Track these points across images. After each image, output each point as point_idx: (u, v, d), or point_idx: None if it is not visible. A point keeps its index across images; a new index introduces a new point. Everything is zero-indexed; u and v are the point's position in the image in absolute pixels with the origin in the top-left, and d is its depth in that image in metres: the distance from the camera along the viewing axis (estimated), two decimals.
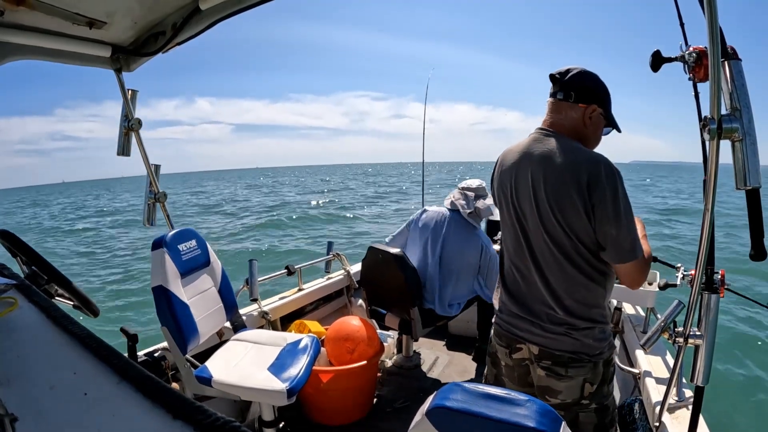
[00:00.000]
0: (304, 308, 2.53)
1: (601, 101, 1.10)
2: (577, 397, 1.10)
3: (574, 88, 1.09)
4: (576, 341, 1.08)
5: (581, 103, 1.09)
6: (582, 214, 1.00)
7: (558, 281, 1.08)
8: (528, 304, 1.15)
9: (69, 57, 1.42)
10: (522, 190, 1.11)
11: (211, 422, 0.40)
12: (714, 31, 0.76)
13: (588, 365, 1.09)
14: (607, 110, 1.12)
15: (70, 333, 0.55)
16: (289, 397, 1.44)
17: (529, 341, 1.14)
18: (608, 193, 0.98)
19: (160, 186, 1.88)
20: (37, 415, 0.44)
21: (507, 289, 1.22)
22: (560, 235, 1.05)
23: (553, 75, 1.12)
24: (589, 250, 1.04)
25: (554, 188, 1.03)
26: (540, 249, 1.10)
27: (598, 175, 0.98)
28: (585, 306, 1.08)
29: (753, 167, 0.79)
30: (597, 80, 1.11)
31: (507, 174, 1.15)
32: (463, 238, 2.23)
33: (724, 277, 0.96)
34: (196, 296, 1.68)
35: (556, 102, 1.11)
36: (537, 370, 1.14)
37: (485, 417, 0.55)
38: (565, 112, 1.10)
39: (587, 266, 1.06)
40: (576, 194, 0.99)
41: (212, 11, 1.31)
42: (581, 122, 1.10)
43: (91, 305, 1.21)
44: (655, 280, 1.91)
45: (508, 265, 1.22)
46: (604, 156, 1.03)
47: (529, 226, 1.11)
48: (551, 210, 1.04)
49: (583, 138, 1.11)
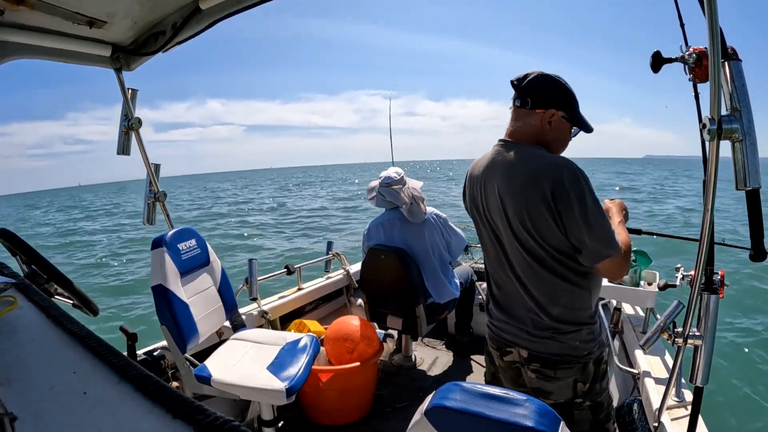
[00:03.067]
0: (304, 308, 2.53)
1: (560, 104, 1.08)
2: (570, 396, 1.10)
3: (530, 94, 1.07)
4: (562, 344, 1.08)
5: (538, 108, 1.07)
6: (551, 222, 0.99)
7: (539, 291, 1.08)
8: (513, 312, 1.15)
9: (69, 56, 1.42)
10: (491, 204, 1.11)
11: (211, 422, 0.40)
12: (714, 32, 0.76)
13: (576, 366, 1.09)
14: (571, 112, 1.09)
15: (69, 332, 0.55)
16: (289, 396, 1.44)
17: (518, 345, 1.14)
18: (573, 198, 0.96)
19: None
20: (37, 414, 0.44)
21: (493, 296, 1.24)
22: (533, 245, 1.04)
23: (512, 81, 1.11)
24: (565, 255, 1.04)
25: (520, 200, 1.02)
26: (517, 260, 1.10)
27: (561, 182, 0.97)
28: (570, 310, 1.08)
29: (753, 168, 0.78)
30: (555, 83, 1.08)
31: (476, 189, 1.16)
32: (415, 227, 2.22)
33: (724, 278, 0.97)
34: (196, 295, 1.68)
35: (516, 109, 1.11)
36: (527, 372, 1.14)
37: (484, 416, 0.55)
38: (523, 119, 1.09)
39: (567, 271, 1.05)
40: (542, 204, 0.98)
41: (212, 11, 1.31)
42: (540, 128, 1.08)
43: (91, 304, 1.21)
44: (655, 280, 1.92)
45: (491, 274, 1.23)
46: (566, 159, 1.02)
47: (503, 239, 1.11)
48: (521, 222, 1.03)
49: (545, 143, 1.10)
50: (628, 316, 2.09)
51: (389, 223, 2.25)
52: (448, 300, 2.26)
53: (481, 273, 2.90)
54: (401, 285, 2.16)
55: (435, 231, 2.25)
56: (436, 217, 2.27)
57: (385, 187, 2.19)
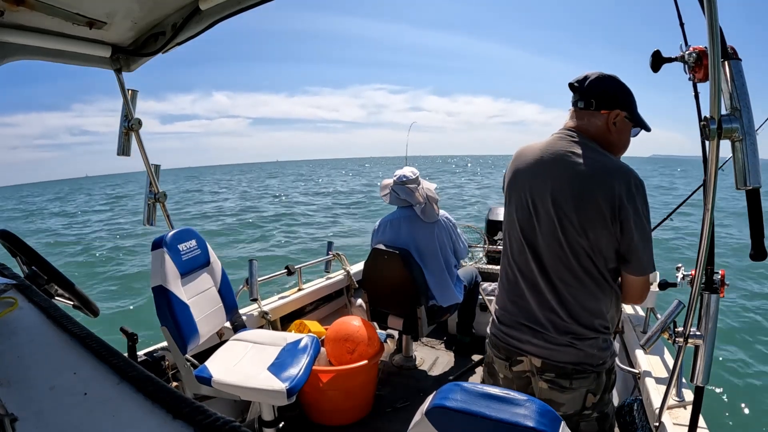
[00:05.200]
0: (304, 308, 2.53)
1: (623, 104, 1.06)
2: (579, 408, 1.08)
3: (594, 95, 1.06)
4: (580, 351, 1.06)
5: (603, 109, 1.06)
6: (607, 226, 0.99)
7: (569, 288, 1.06)
8: (532, 311, 1.11)
9: (69, 57, 1.42)
10: (541, 192, 1.07)
11: (211, 422, 0.40)
12: (714, 31, 0.76)
13: (591, 376, 1.07)
14: (632, 112, 1.08)
15: (70, 333, 0.55)
16: (289, 396, 1.44)
17: (532, 354, 1.11)
18: (638, 207, 0.98)
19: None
20: (37, 415, 0.44)
21: (508, 294, 1.18)
22: (578, 243, 1.03)
23: (571, 84, 1.10)
24: (605, 259, 1.03)
25: (581, 196, 1.00)
26: (552, 253, 1.07)
27: (628, 189, 0.97)
28: (591, 314, 1.06)
29: (753, 167, 0.78)
30: (617, 83, 1.07)
31: (525, 173, 1.11)
32: (425, 225, 2.23)
33: (724, 277, 0.96)
34: (196, 296, 1.68)
35: (578, 111, 1.09)
36: (539, 382, 1.11)
37: (484, 417, 0.55)
38: (588, 119, 1.08)
39: (599, 275, 1.04)
40: (605, 206, 0.98)
41: (212, 11, 1.31)
42: (605, 129, 1.07)
43: (91, 305, 1.21)
44: (655, 280, 1.92)
45: (510, 268, 1.17)
46: (630, 167, 1.02)
47: (541, 229, 1.08)
48: (574, 217, 1.02)
49: (609, 144, 1.08)
50: (628, 316, 2.09)
51: (400, 221, 2.26)
52: (450, 304, 2.26)
53: (486, 273, 2.90)
54: (403, 286, 2.16)
55: (444, 232, 2.25)
56: (447, 220, 2.28)
57: (399, 185, 2.21)
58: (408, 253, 2.16)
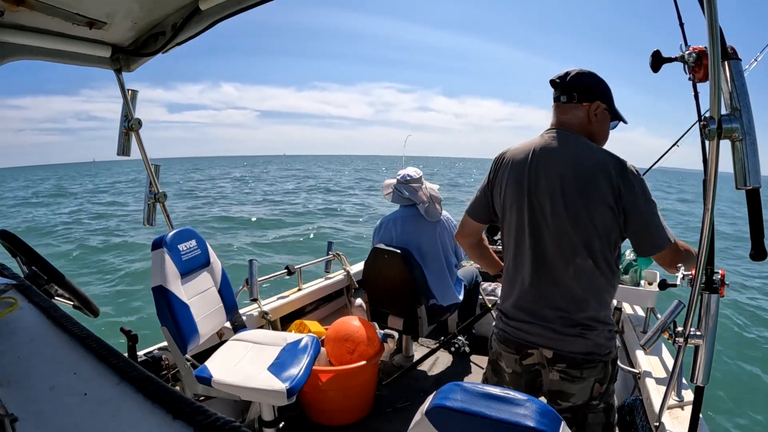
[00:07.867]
0: (304, 308, 2.53)
1: (602, 96, 1.13)
2: (587, 398, 1.10)
3: (576, 89, 1.12)
4: (589, 341, 1.09)
5: (584, 102, 1.12)
6: (611, 211, 1.04)
7: (578, 281, 1.08)
8: (540, 306, 1.13)
9: (69, 57, 1.42)
10: (543, 186, 1.10)
11: (211, 422, 0.40)
12: (714, 31, 0.76)
13: (600, 365, 1.10)
14: (610, 104, 1.15)
15: (70, 333, 0.55)
16: (289, 397, 1.44)
17: (543, 345, 1.13)
18: (638, 190, 1.03)
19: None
20: (37, 415, 0.44)
21: (515, 291, 1.18)
22: (585, 233, 1.06)
23: (553, 80, 1.15)
24: (609, 246, 1.07)
25: (585, 184, 1.05)
26: (560, 248, 1.09)
27: (626, 174, 1.03)
28: (601, 306, 1.10)
29: (753, 167, 0.78)
30: (595, 77, 1.14)
31: (520, 171, 1.13)
32: (428, 224, 2.24)
33: (724, 277, 0.96)
34: (196, 296, 1.68)
35: (560, 105, 1.15)
36: (550, 374, 1.13)
37: (485, 416, 0.54)
38: (571, 112, 1.13)
39: (604, 263, 1.08)
40: (608, 191, 1.03)
41: (212, 11, 1.30)
42: (587, 120, 1.13)
43: (91, 305, 1.21)
44: (656, 280, 1.92)
45: (515, 264, 1.18)
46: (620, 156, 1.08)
47: (547, 222, 1.09)
48: (581, 208, 1.05)
49: (591, 135, 1.14)
50: (628, 316, 2.09)
51: (402, 220, 2.26)
52: (450, 303, 2.27)
53: (486, 273, 2.89)
54: (404, 286, 2.16)
55: (446, 232, 2.26)
56: (449, 220, 2.29)
57: (403, 184, 2.22)
58: (409, 253, 2.16)
